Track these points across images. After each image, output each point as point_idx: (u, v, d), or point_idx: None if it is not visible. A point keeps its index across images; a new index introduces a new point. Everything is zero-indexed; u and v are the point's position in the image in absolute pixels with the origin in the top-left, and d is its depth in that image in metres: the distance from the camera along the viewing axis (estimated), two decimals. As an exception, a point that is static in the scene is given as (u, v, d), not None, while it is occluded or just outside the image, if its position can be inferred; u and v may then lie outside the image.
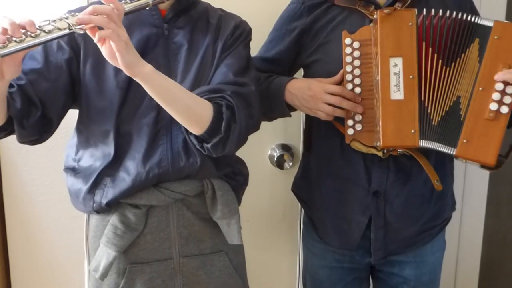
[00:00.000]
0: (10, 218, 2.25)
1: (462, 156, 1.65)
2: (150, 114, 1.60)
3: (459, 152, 1.64)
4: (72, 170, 1.69)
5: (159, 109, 1.58)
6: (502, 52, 1.62)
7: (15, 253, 2.28)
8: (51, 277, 2.32)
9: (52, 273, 2.32)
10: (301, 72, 1.96)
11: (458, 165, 1.92)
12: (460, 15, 1.65)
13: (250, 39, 1.75)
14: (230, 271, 1.77)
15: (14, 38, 1.29)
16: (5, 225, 2.25)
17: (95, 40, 1.39)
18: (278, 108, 1.81)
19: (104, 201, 1.62)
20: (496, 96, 1.61)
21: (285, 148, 2.36)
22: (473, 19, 1.65)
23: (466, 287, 2.69)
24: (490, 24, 1.64)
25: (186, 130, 1.60)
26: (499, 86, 1.61)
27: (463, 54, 1.66)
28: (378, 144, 1.65)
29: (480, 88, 1.62)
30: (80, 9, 1.61)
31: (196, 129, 1.56)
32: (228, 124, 1.56)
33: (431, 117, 1.65)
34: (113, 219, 1.64)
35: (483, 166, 1.69)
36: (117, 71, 1.56)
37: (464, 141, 1.63)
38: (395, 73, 1.62)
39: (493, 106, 1.61)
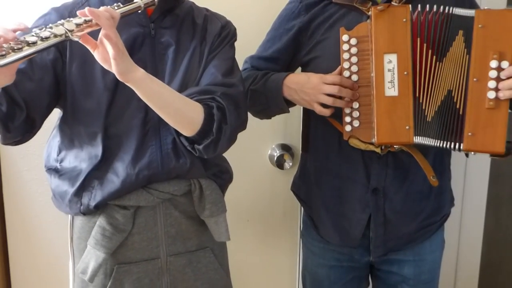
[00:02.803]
0: (10, 218, 2.25)
1: (470, 149, 1.64)
2: (138, 115, 1.59)
3: (467, 145, 1.63)
4: (56, 171, 1.67)
5: (147, 110, 1.58)
6: (489, 40, 1.61)
7: (15, 253, 2.29)
8: (51, 277, 2.32)
9: (52, 273, 2.32)
10: (298, 71, 1.94)
11: (457, 165, 1.92)
12: (442, 8, 1.65)
13: (236, 39, 1.75)
14: (216, 266, 1.77)
15: (12, 45, 1.26)
16: (5, 225, 2.26)
17: (102, 34, 1.37)
18: (277, 104, 1.81)
19: (92, 203, 1.60)
20: (492, 84, 1.61)
21: (285, 148, 2.36)
22: (452, 11, 1.65)
23: (466, 287, 2.68)
24: (472, 14, 1.63)
25: (177, 132, 1.60)
26: (493, 74, 1.60)
27: (450, 48, 1.65)
28: (373, 140, 1.65)
29: (475, 79, 1.62)
30: (64, 6, 1.62)
31: (188, 131, 1.56)
32: (219, 126, 1.56)
33: (426, 114, 1.65)
34: (101, 220, 1.63)
35: (493, 155, 1.69)
36: (105, 72, 1.55)
37: (469, 134, 1.62)
38: (389, 70, 1.62)
39: (491, 95, 1.61)
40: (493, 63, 1.61)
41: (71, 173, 1.63)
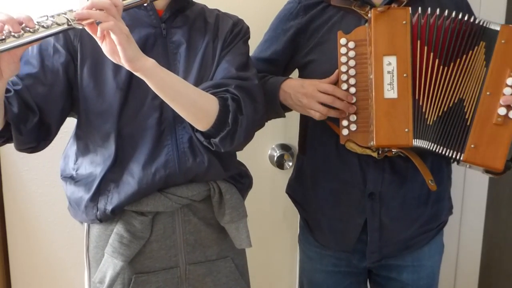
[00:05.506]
0: (10, 218, 2.26)
1: (470, 161, 1.63)
2: (153, 115, 1.58)
3: (467, 157, 1.62)
4: (71, 179, 1.65)
5: (161, 109, 1.57)
6: (509, 56, 1.61)
7: (15, 253, 2.29)
8: (51, 277, 2.33)
9: (52, 273, 2.32)
10: (295, 73, 1.95)
11: (457, 166, 1.91)
12: (461, 15, 1.64)
13: (249, 37, 1.75)
14: (236, 276, 1.75)
15: (12, 33, 1.27)
16: (5, 224, 2.26)
17: (97, 35, 1.38)
18: (273, 107, 1.80)
19: (109, 208, 1.58)
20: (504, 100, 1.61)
21: (285, 148, 2.36)
22: (480, 22, 1.65)
23: (466, 287, 2.68)
24: (497, 28, 1.63)
25: (192, 128, 1.58)
26: (508, 91, 1.60)
27: (464, 56, 1.64)
28: (372, 143, 1.63)
29: (488, 93, 1.61)
30: None
31: (203, 125, 1.54)
32: (235, 116, 1.55)
33: (426, 117, 1.64)
34: (118, 227, 1.61)
35: (488, 171, 1.69)
36: (116, 72, 1.55)
37: (472, 146, 1.62)
38: (388, 72, 1.61)
39: (502, 111, 1.60)
40: (510, 81, 1.61)
41: (86, 179, 1.61)
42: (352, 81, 1.68)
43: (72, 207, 1.67)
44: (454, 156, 1.64)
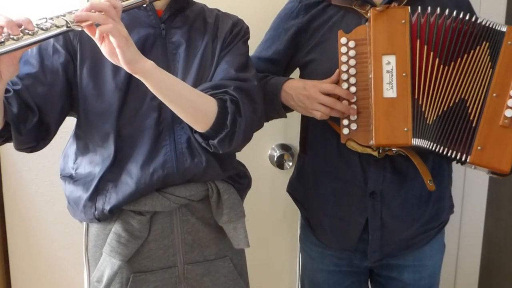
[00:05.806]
0: (10, 218, 2.26)
1: (476, 163, 1.63)
2: (152, 115, 1.58)
3: (474, 159, 1.62)
4: (70, 178, 1.65)
5: (160, 110, 1.57)
6: None
7: (15, 253, 2.29)
8: (51, 277, 2.33)
9: (52, 273, 2.32)
10: (297, 72, 1.95)
11: (457, 165, 1.91)
12: (462, 15, 1.64)
13: (249, 37, 1.74)
14: (235, 276, 1.75)
15: (11, 36, 1.27)
16: (5, 224, 2.26)
17: (96, 37, 1.37)
18: (274, 108, 1.80)
19: (107, 207, 1.58)
20: (511, 102, 1.60)
21: (285, 148, 2.36)
22: (483, 22, 1.64)
23: (466, 287, 2.68)
24: (503, 29, 1.63)
25: (191, 129, 1.58)
26: None
27: (465, 55, 1.64)
28: (371, 142, 1.64)
29: (494, 95, 1.61)
30: None
31: (201, 126, 1.54)
32: (234, 118, 1.55)
33: (426, 116, 1.63)
34: (116, 227, 1.61)
35: (493, 172, 1.68)
36: (115, 72, 1.55)
37: (479, 148, 1.61)
38: (388, 71, 1.61)
39: (509, 113, 1.60)
40: None
41: (85, 179, 1.62)
42: (352, 80, 1.68)
43: (71, 206, 1.67)
44: (459, 157, 1.64)
